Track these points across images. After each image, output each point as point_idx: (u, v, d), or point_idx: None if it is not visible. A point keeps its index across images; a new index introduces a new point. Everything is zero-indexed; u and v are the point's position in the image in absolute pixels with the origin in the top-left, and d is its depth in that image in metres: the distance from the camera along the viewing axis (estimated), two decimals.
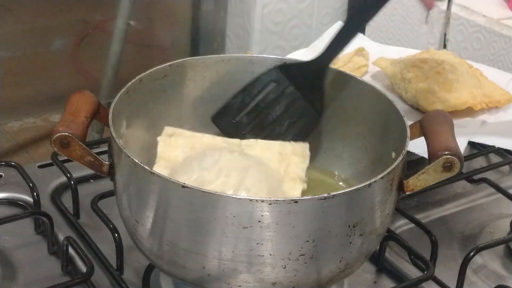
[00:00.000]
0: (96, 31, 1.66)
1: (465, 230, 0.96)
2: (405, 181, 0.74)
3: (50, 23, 1.61)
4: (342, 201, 0.68)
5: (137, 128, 0.83)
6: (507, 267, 0.90)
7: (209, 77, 0.88)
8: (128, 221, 0.74)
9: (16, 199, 0.94)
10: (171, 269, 0.73)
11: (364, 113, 0.85)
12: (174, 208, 0.69)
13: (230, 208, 0.66)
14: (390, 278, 0.86)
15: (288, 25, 1.49)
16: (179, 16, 1.73)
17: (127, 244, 0.80)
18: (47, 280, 0.81)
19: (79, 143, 0.71)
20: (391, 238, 0.86)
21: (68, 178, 0.92)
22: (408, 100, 1.12)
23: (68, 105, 0.76)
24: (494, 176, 1.05)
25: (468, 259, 0.83)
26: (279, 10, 1.47)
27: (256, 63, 0.88)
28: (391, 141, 0.80)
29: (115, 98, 0.77)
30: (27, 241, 0.88)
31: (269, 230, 0.67)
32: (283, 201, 0.66)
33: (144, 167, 0.68)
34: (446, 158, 0.71)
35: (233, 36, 1.54)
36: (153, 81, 0.84)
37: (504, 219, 0.97)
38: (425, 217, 0.97)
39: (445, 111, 0.80)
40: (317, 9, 1.50)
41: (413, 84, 1.11)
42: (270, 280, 0.70)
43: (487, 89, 1.12)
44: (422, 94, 1.09)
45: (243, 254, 0.68)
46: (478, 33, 1.58)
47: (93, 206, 0.87)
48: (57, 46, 1.62)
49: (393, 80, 1.15)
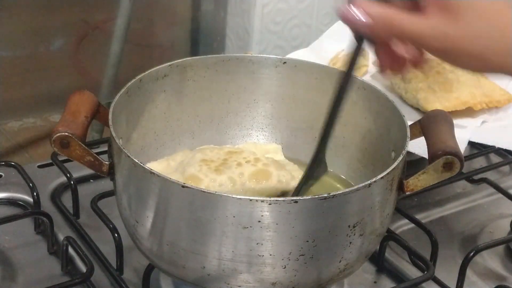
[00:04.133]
0: (96, 31, 1.66)
1: (465, 230, 0.96)
2: (405, 181, 0.74)
3: (50, 23, 1.61)
4: (342, 201, 0.68)
5: (137, 128, 0.83)
6: (507, 267, 0.90)
7: (209, 77, 0.88)
8: (128, 221, 0.75)
9: (16, 199, 0.94)
10: (171, 269, 0.73)
11: (364, 113, 0.85)
12: (174, 208, 0.69)
13: (230, 208, 0.66)
14: (390, 278, 0.86)
15: (288, 25, 1.49)
16: (179, 16, 1.73)
17: (127, 244, 0.80)
18: (47, 280, 0.81)
19: (79, 143, 0.71)
20: (391, 238, 0.86)
21: (68, 178, 0.92)
22: (408, 100, 1.12)
23: (68, 105, 0.76)
24: (494, 176, 1.05)
25: (468, 259, 0.83)
26: (279, 10, 1.46)
27: (256, 63, 0.89)
28: (391, 141, 0.80)
29: (115, 98, 0.77)
30: (27, 241, 0.88)
31: (269, 230, 0.67)
32: (283, 201, 0.66)
33: (144, 167, 0.68)
34: (446, 158, 0.71)
35: (233, 36, 1.54)
36: (153, 81, 0.84)
37: (504, 219, 0.97)
38: (425, 217, 0.97)
39: (445, 111, 0.80)
40: (317, 9, 1.50)
41: (413, 84, 1.11)
42: (270, 280, 0.70)
43: (487, 89, 1.12)
44: (422, 94, 1.09)
45: (243, 254, 0.68)
46: None
47: (93, 206, 0.87)
48: (57, 46, 1.62)
49: (393, 80, 1.15)
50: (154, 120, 0.86)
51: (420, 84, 1.10)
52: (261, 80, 0.89)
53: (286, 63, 0.88)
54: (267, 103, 0.91)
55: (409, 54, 0.72)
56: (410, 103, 1.12)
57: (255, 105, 0.91)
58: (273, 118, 0.91)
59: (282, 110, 0.91)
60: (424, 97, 1.09)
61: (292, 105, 0.90)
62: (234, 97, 0.90)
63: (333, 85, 0.87)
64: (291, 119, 0.91)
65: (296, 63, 0.89)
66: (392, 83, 1.16)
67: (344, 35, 1.29)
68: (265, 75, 0.89)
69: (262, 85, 0.90)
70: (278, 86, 0.89)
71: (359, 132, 0.86)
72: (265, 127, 0.92)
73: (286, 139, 0.92)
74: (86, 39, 1.64)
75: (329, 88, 0.87)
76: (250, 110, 0.91)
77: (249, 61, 0.89)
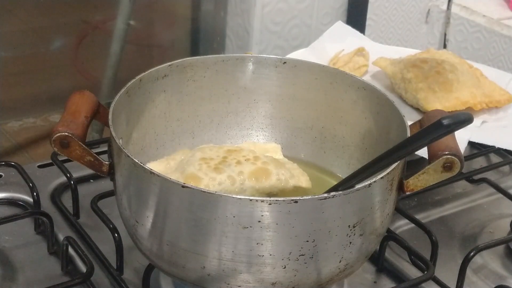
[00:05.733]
0: (96, 31, 1.66)
1: (465, 230, 0.96)
2: (405, 181, 0.74)
3: (50, 23, 1.61)
4: (342, 201, 0.68)
5: (137, 128, 0.83)
6: (507, 267, 0.90)
7: (209, 77, 0.88)
8: (128, 221, 0.74)
9: (16, 199, 0.94)
10: (171, 269, 0.73)
11: (364, 113, 0.85)
12: (174, 208, 0.69)
13: (230, 208, 0.66)
14: (390, 278, 0.86)
15: (288, 25, 1.49)
16: (179, 16, 1.73)
17: (127, 244, 0.80)
18: (47, 280, 0.81)
19: (79, 143, 0.71)
20: (391, 238, 0.86)
21: (68, 178, 0.92)
22: (408, 100, 1.12)
23: (68, 105, 0.76)
24: (494, 176, 1.05)
25: (468, 259, 0.83)
26: (279, 10, 1.46)
27: (256, 63, 0.89)
28: (391, 141, 0.80)
29: (115, 98, 0.77)
30: (27, 241, 0.88)
31: (269, 230, 0.67)
32: (283, 201, 0.66)
33: (144, 167, 0.68)
34: (446, 158, 0.71)
35: (233, 36, 1.54)
36: (153, 81, 0.84)
37: (504, 219, 0.97)
38: (425, 217, 0.97)
39: (445, 111, 0.80)
40: (317, 9, 1.50)
41: (413, 84, 1.11)
42: (270, 280, 0.70)
43: (487, 89, 1.12)
44: (422, 94, 1.09)
45: (243, 254, 0.68)
46: (478, 33, 1.58)
47: (93, 206, 0.87)
48: (57, 46, 1.61)
49: (393, 80, 1.15)
50: (154, 120, 0.86)
51: (420, 84, 1.10)
52: (261, 80, 0.89)
53: (286, 63, 0.88)
54: (267, 103, 0.91)
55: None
56: (410, 103, 1.12)
57: (255, 105, 0.91)
58: (273, 118, 0.91)
59: (282, 110, 0.91)
60: (424, 97, 1.09)
61: (292, 105, 0.90)
62: (234, 97, 0.90)
63: (333, 85, 0.87)
64: (291, 119, 0.91)
65: (296, 63, 0.89)
66: (392, 83, 1.16)
67: (344, 35, 1.30)
68: (265, 75, 0.89)
69: (262, 85, 0.90)
70: (278, 86, 0.89)
71: (359, 132, 0.86)
72: (265, 127, 0.92)
73: (286, 139, 0.92)
74: (86, 39, 1.64)
75: (329, 88, 0.87)
76: (250, 110, 0.91)
77: (249, 61, 0.89)
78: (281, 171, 0.81)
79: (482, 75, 1.17)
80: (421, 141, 0.65)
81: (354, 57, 1.20)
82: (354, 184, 0.70)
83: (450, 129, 0.62)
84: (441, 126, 0.61)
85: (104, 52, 1.57)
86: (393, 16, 1.62)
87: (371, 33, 1.59)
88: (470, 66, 1.18)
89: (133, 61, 1.66)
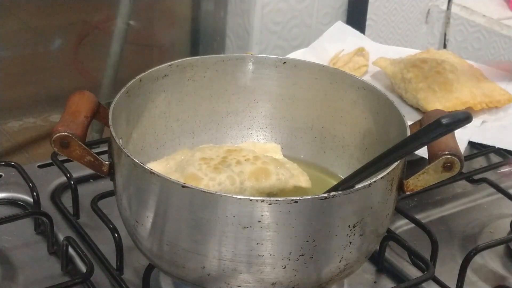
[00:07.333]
0: (96, 31, 1.66)
1: (465, 230, 0.96)
2: (405, 181, 0.74)
3: (50, 23, 1.61)
4: (342, 201, 0.68)
5: (137, 128, 0.83)
6: (507, 267, 0.90)
7: (209, 77, 0.88)
8: (128, 221, 0.74)
9: (16, 199, 0.94)
10: (171, 269, 0.73)
11: (364, 113, 0.85)
12: (174, 208, 0.69)
13: (230, 208, 0.66)
14: (390, 278, 0.86)
15: (288, 25, 1.49)
16: (179, 16, 1.73)
17: (127, 244, 0.80)
18: (47, 280, 0.81)
19: (79, 143, 0.71)
20: (391, 238, 0.86)
21: (68, 178, 0.92)
22: (408, 100, 1.12)
23: (68, 105, 0.76)
24: (494, 176, 1.05)
25: (468, 259, 0.83)
26: (279, 10, 1.46)
27: (256, 63, 0.89)
28: (391, 141, 0.80)
29: (115, 98, 0.77)
30: (27, 241, 0.88)
31: (269, 230, 0.67)
32: (283, 201, 0.66)
33: (144, 167, 0.68)
34: (446, 158, 0.71)
35: (233, 36, 1.54)
36: (153, 81, 0.84)
37: (504, 219, 0.97)
38: (425, 217, 0.97)
39: (445, 111, 0.80)
40: (317, 9, 1.50)
41: (413, 84, 1.11)
42: (270, 280, 0.70)
43: (487, 89, 1.12)
44: (422, 94, 1.09)
45: (243, 254, 0.68)
46: (478, 33, 1.58)
47: (93, 206, 0.87)
48: (57, 46, 1.61)
49: (393, 80, 1.15)
50: (154, 120, 0.86)
51: (420, 84, 1.10)
52: (261, 80, 0.89)
53: (286, 63, 0.88)
54: (267, 103, 0.91)
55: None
56: (410, 103, 1.12)
57: (255, 105, 0.91)
58: (273, 118, 0.91)
59: (282, 110, 0.91)
60: (424, 97, 1.09)
61: (292, 105, 0.90)
62: (234, 97, 0.90)
63: (333, 85, 0.87)
64: (291, 119, 0.91)
65: (296, 63, 0.89)
66: (392, 83, 1.16)
67: (344, 35, 1.30)
68: (265, 75, 0.89)
69: (262, 85, 0.90)
70: (278, 86, 0.89)
71: (359, 132, 0.86)
72: (265, 127, 0.92)
73: (286, 139, 0.92)
74: (86, 39, 1.64)
75: (329, 88, 0.87)
76: (250, 110, 0.91)
77: (249, 61, 0.89)
78: (281, 171, 0.81)
79: (482, 75, 1.17)
80: (420, 140, 0.65)
81: (354, 57, 1.20)
82: (354, 184, 0.69)
83: (449, 128, 0.62)
84: (440, 125, 0.61)
85: (104, 52, 1.57)
86: (393, 16, 1.62)
87: (371, 33, 1.59)
88: (470, 66, 1.18)
89: (133, 61, 1.66)
